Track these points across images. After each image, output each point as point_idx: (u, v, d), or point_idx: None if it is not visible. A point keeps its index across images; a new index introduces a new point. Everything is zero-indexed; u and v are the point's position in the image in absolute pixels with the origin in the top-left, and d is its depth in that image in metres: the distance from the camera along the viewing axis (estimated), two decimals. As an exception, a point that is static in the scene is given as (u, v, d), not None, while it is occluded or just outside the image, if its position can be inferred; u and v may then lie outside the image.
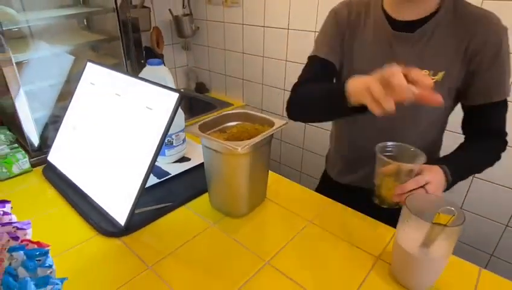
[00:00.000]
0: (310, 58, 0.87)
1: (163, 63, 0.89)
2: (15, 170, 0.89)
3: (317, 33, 1.68)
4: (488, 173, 1.01)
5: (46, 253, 0.55)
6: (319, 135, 1.80)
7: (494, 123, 0.76)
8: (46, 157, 0.95)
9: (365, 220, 0.75)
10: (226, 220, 0.75)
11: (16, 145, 0.96)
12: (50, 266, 0.53)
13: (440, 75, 0.71)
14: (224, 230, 0.72)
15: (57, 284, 0.50)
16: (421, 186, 0.62)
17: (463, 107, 0.78)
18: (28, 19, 0.92)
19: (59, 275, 0.56)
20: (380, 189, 0.70)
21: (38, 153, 0.99)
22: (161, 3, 1.99)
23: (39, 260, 0.53)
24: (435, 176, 0.65)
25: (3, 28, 0.82)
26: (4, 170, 0.88)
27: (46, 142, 1.00)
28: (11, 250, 0.54)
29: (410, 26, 0.72)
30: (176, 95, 0.69)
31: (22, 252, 0.53)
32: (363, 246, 0.67)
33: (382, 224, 0.73)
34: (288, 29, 1.70)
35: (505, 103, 0.73)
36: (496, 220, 1.34)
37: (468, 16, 0.69)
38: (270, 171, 0.83)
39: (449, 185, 0.69)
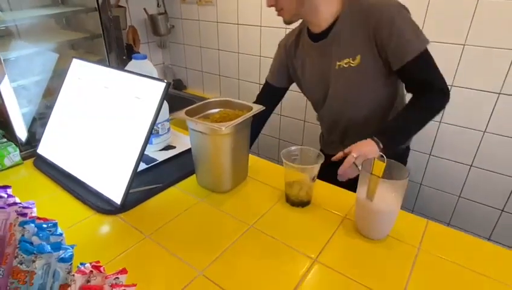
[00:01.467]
0: (265, 81, 1.19)
1: (147, 57, 0.96)
2: (7, 162, 0.94)
3: (287, 29, 1.80)
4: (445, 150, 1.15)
5: (55, 225, 0.61)
6: (293, 125, 1.92)
7: (421, 77, 0.88)
8: (36, 150, 1.00)
9: (334, 188, 0.87)
10: (213, 195, 0.84)
11: (5, 140, 1.00)
12: (61, 235, 0.60)
13: (358, 58, 0.91)
14: (212, 203, 0.81)
15: (69, 249, 0.57)
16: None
17: (397, 75, 0.92)
18: (13, 18, 0.96)
19: (67, 245, 0.62)
20: (291, 189, 0.78)
21: (27, 147, 1.03)
22: (136, 2, 2.03)
23: (50, 231, 0.60)
24: (362, 148, 0.81)
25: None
26: (-4, 163, 0.92)
27: (34, 137, 1.04)
28: (23, 223, 0.60)
29: (324, 35, 0.96)
30: (163, 84, 0.78)
31: (32, 224, 0.60)
32: (332, 209, 0.78)
33: (349, 191, 0.84)
34: (260, 26, 1.81)
35: (421, 58, 0.85)
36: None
37: (363, 10, 0.89)
38: (251, 155, 0.93)
39: (389, 148, 0.82)
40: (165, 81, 0.77)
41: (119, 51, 1.19)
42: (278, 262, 0.64)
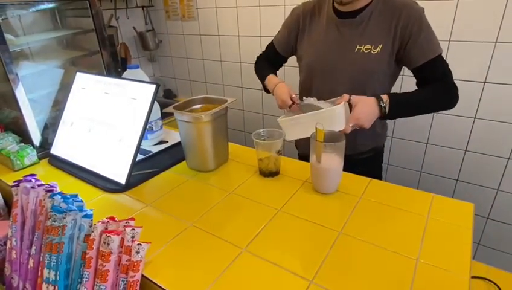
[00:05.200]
0: (271, 42, 1.26)
1: (139, 66, 1.16)
2: (27, 161, 1.12)
3: (262, 38, 2.01)
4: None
5: (76, 195, 0.79)
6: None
7: (439, 74, 0.97)
8: (49, 151, 1.18)
9: (298, 162, 1.06)
10: (200, 174, 1.03)
11: (22, 144, 1.18)
12: (81, 201, 0.78)
13: (379, 48, 0.98)
14: (199, 180, 1.00)
15: (89, 211, 0.75)
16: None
17: (413, 73, 1.01)
18: (26, 42, 1.15)
19: (86, 212, 0.80)
20: (262, 163, 0.97)
21: (41, 150, 1.21)
22: (126, 21, 2.24)
23: (73, 199, 0.78)
24: (361, 119, 0.91)
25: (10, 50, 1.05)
26: (18, 162, 1.10)
27: (46, 141, 1.22)
28: (51, 196, 0.78)
29: (352, 15, 1.01)
30: (153, 86, 0.97)
31: (59, 196, 0.78)
32: (295, 176, 0.98)
33: (309, 163, 1.04)
34: (238, 36, 2.02)
35: (441, 58, 0.97)
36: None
37: (394, 5, 0.97)
38: (232, 144, 1.12)
39: (390, 115, 0.94)
40: (155, 83, 0.97)
41: (114, 64, 1.38)
42: (250, 213, 0.83)
